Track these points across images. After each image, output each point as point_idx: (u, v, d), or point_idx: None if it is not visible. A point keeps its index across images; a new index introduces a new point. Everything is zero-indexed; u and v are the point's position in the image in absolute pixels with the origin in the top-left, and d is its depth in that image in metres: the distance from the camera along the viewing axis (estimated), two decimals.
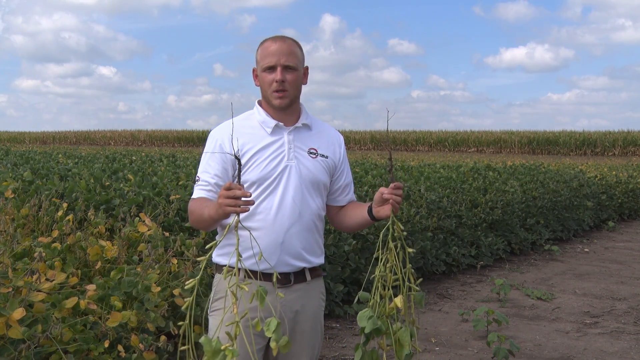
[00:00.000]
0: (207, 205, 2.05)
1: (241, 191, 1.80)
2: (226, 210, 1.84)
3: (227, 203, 1.82)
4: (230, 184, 1.84)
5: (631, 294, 6.35)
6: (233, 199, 1.81)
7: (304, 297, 2.26)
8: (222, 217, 1.93)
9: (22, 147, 29.59)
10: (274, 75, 2.19)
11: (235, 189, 1.81)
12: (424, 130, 56.37)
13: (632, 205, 12.42)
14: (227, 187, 1.83)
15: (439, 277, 6.85)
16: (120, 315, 2.98)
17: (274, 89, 2.19)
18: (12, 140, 61.59)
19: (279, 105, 2.21)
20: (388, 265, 1.91)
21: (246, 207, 1.81)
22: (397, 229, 1.95)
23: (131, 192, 5.47)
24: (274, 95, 2.20)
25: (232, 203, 1.81)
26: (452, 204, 7.48)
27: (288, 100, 2.22)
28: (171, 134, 63.64)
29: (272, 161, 2.19)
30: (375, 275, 1.89)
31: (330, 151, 2.32)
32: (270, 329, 1.56)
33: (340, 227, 2.43)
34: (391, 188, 2.08)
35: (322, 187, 2.29)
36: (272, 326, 1.56)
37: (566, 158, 31.97)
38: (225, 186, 1.84)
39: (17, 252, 3.48)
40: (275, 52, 2.18)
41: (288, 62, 2.19)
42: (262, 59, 2.21)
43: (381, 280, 1.89)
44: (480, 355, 4.52)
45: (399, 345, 1.84)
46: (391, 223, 1.96)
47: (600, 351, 4.65)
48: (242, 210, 1.81)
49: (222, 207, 1.85)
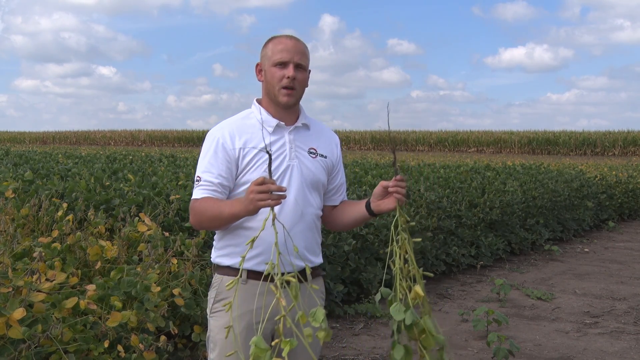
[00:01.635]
0: (226, 204, 2.04)
1: (275, 185, 1.81)
2: (258, 205, 1.84)
3: (261, 198, 1.82)
4: (264, 178, 1.83)
5: (631, 294, 6.35)
6: (267, 193, 1.81)
7: (303, 297, 2.25)
8: (252, 213, 1.92)
9: (22, 147, 29.59)
10: (285, 71, 2.17)
11: (269, 183, 1.81)
12: (424, 130, 56.40)
13: (632, 205, 12.42)
14: (260, 182, 1.83)
15: (439, 277, 6.85)
16: (120, 315, 2.98)
17: (284, 85, 2.17)
18: (12, 140, 61.59)
19: (285, 103, 2.19)
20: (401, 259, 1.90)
21: (279, 200, 1.81)
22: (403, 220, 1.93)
23: (131, 192, 5.47)
24: (282, 92, 2.18)
25: (266, 197, 1.81)
26: (452, 204, 7.48)
27: (294, 99, 2.21)
28: (171, 134, 63.64)
29: (274, 161, 2.17)
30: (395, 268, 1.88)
31: (328, 151, 2.33)
32: (318, 319, 1.56)
33: (332, 226, 2.41)
34: (395, 180, 2.06)
35: (321, 187, 2.29)
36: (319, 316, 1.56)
37: (566, 158, 31.96)
38: (258, 181, 1.83)
39: (17, 252, 3.48)
40: (290, 49, 2.18)
41: (300, 61, 2.18)
42: (275, 54, 2.18)
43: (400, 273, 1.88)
44: (480, 355, 4.52)
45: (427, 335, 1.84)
46: (399, 215, 1.93)
47: (600, 351, 4.65)
48: (276, 203, 1.80)
49: (254, 202, 1.84)
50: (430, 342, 1.83)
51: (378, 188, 2.12)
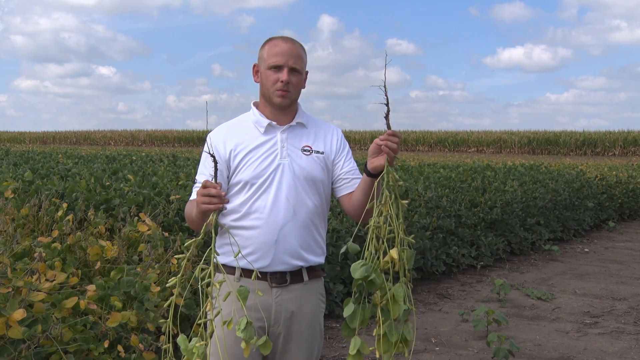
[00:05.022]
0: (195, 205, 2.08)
1: (216, 189, 1.83)
2: (201, 208, 1.87)
3: (202, 201, 1.86)
4: (206, 182, 1.86)
5: (631, 294, 6.35)
6: (208, 197, 1.84)
7: (301, 297, 2.24)
8: (203, 216, 1.94)
9: (22, 147, 29.60)
10: (279, 75, 2.19)
11: (210, 187, 1.84)
12: (424, 130, 56.38)
13: (632, 205, 12.41)
14: (204, 186, 1.86)
15: (439, 277, 6.85)
16: (120, 315, 2.98)
17: (277, 88, 2.19)
18: (12, 140, 61.58)
19: (279, 104, 2.21)
20: (382, 216, 1.77)
21: (219, 204, 1.83)
22: (391, 178, 1.82)
23: (131, 192, 5.47)
24: (276, 94, 2.20)
25: (207, 201, 1.84)
26: (452, 203, 7.48)
27: (289, 101, 2.23)
28: (171, 134, 63.63)
29: (265, 160, 2.19)
30: (370, 225, 1.76)
31: (326, 146, 2.30)
32: (240, 328, 1.56)
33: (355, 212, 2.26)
34: (386, 135, 1.96)
35: (320, 184, 2.26)
36: (241, 325, 1.57)
37: (566, 158, 31.95)
38: (202, 185, 1.87)
39: (17, 252, 3.48)
40: (284, 53, 2.19)
41: (295, 65, 2.19)
42: (270, 57, 2.20)
43: (375, 232, 1.76)
44: (480, 355, 4.52)
45: (393, 301, 1.71)
46: (386, 172, 1.83)
47: (600, 351, 4.65)
48: (216, 207, 1.83)
49: (199, 205, 1.88)
50: (394, 311, 1.71)
51: (372, 145, 2.02)
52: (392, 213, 1.75)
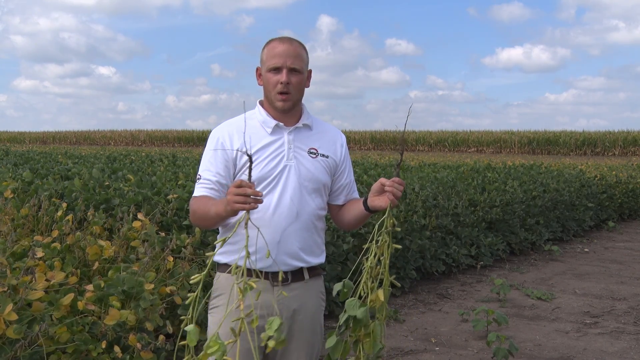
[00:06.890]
0: (213, 203, 2.04)
1: (252, 189, 1.79)
2: (234, 207, 1.82)
3: (237, 200, 1.80)
4: (242, 181, 1.81)
5: (631, 294, 6.34)
6: (243, 197, 1.79)
7: (302, 295, 2.25)
8: (231, 215, 1.92)
9: (22, 147, 29.59)
10: (279, 76, 2.18)
11: (246, 187, 1.80)
12: (424, 130, 56.39)
13: (632, 205, 12.41)
14: (238, 185, 1.81)
15: (438, 277, 6.84)
16: (118, 313, 2.98)
17: (278, 91, 2.18)
18: (12, 140, 61.62)
19: (281, 108, 2.21)
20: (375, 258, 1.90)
21: (255, 204, 1.80)
22: (390, 223, 1.92)
23: (130, 192, 5.46)
24: (277, 97, 2.19)
25: (242, 200, 1.79)
26: (447, 199, 7.45)
27: (291, 104, 2.21)
28: (171, 134, 63.65)
29: (272, 161, 2.18)
30: (366, 266, 1.87)
31: (331, 151, 2.32)
32: (272, 328, 1.56)
33: (341, 225, 2.41)
34: (393, 181, 2.06)
35: (323, 187, 2.28)
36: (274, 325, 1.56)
37: (566, 158, 31.92)
38: (236, 184, 1.82)
39: (17, 252, 3.47)
40: (282, 54, 2.17)
41: (294, 65, 2.18)
42: (268, 59, 2.19)
43: (370, 272, 1.88)
44: (480, 355, 4.52)
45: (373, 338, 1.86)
46: (387, 217, 1.92)
47: (600, 351, 4.64)
48: (252, 207, 1.78)
49: (231, 204, 1.83)
50: (370, 348, 1.86)
51: (376, 184, 2.12)
52: (386, 256, 1.89)
